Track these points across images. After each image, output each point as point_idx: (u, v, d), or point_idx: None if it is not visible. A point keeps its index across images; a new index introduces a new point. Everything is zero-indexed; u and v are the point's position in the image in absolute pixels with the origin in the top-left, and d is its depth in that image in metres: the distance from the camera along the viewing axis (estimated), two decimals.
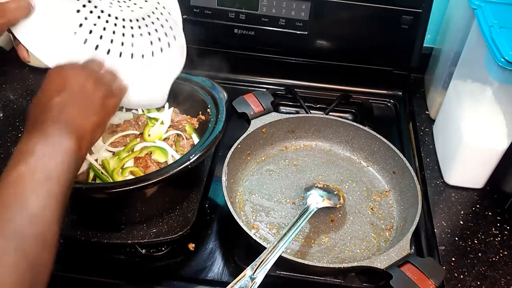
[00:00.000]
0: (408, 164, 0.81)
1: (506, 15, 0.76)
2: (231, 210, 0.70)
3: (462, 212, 0.82)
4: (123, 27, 0.61)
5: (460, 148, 0.82)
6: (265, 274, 0.61)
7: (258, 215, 0.79)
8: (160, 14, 0.66)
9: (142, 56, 0.63)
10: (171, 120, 0.83)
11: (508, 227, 0.80)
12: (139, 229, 0.73)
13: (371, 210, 0.81)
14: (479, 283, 0.71)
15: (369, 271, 0.67)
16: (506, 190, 0.82)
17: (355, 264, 0.67)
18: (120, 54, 0.61)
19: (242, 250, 0.76)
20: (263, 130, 0.88)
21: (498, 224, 0.80)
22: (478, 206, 0.84)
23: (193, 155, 0.69)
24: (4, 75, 1.08)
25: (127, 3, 0.63)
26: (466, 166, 0.84)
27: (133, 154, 0.75)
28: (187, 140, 0.82)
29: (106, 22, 0.60)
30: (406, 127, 1.02)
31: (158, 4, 0.66)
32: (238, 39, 1.03)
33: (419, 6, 0.95)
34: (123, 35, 0.61)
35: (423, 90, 1.09)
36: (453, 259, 0.75)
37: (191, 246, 0.75)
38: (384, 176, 0.87)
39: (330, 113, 1.01)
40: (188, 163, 0.68)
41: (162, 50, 0.65)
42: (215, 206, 0.83)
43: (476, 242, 0.77)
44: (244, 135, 0.85)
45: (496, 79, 0.75)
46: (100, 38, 0.59)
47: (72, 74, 0.57)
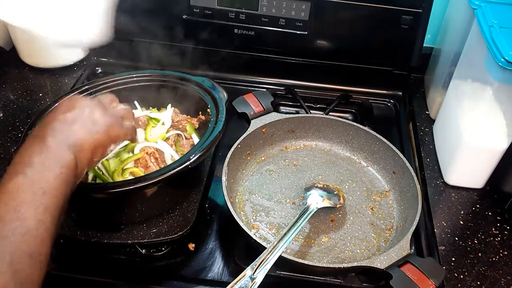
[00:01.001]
0: (408, 164, 0.81)
1: (506, 15, 0.76)
2: (231, 210, 0.70)
3: (462, 212, 0.82)
4: None
5: (460, 148, 0.82)
6: (265, 274, 0.61)
7: (258, 215, 0.79)
8: None
9: None
10: (171, 120, 0.83)
11: (508, 227, 0.80)
12: (139, 229, 0.73)
13: (371, 210, 0.81)
14: (479, 283, 0.71)
15: (369, 271, 0.67)
16: (506, 190, 0.82)
17: (355, 264, 0.67)
18: None
19: (242, 250, 0.76)
20: (263, 130, 0.88)
21: (498, 224, 0.80)
22: (478, 206, 0.84)
23: (193, 155, 0.69)
24: (4, 75, 1.08)
25: None
26: (466, 166, 0.84)
27: (134, 156, 0.75)
28: (187, 140, 0.82)
29: None
30: (406, 127, 1.02)
31: None
32: (238, 39, 1.03)
33: (419, 6, 0.95)
34: None
35: (423, 90, 1.09)
36: (453, 259, 0.75)
37: (191, 246, 0.75)
38: (384, 176, 0.87)
39: (330, 113, 1.01)
40: (188, 163, 0.68)
41: None
42: (215, 206, 0.83)
43: (476, 242, 0.77)
44: (244, 135, 0.85)
45: (496, 79, 0.75)
46: None
47: (83, 100, 0.59)
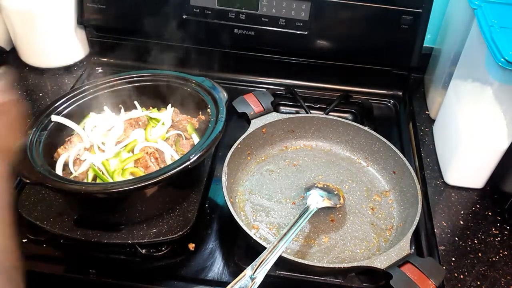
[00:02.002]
0: (408, 164, 0.81)
1: (506, 15, 0.76)
2: (231, 210, 0.70)
3: (462, 212, 0.82)
4: None
5: (460, 148, 0.82)
6: (265, 274, 0.61)
7: (258, 215, 0.79)
8: None
9: None
10: (171, 120, 0.83)
11: (508, 227, 0.80)
12: (139, 229, 0.73)
13: (371, 210, 0.81)
14: (479, 283, 0.71)
15: (369, 271, 0.67)
16: (506, 190, 0.82)
17: (355, 264, 0.67)
18: None
19: (242, 250, 0.76)
20: (263, 130, 0.88)
21: (498, 224, 0.80)
22: (478, 206, 0.84)
23: (193, 155, 0.69)
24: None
25: None
26: (466, 166, 0.84)
27: (134, 156, 0.75)
28: (187, 140, 0.82)
29: None
30: (406, 127, 1.02)
31: None
32: (238, 39, 1.02)
33: (419, 6, 0.95)
34: None
35: (423, 90, 1.09)
36: (453, 259, 0.75)
37: (191, 246, 0.75)
38: (384, 176, 0.87)
39: (330, 113, 1.01)
40: (188, 163, 0.68)
41: None
42: (215, 206, 0.83)
43: (476, 242, 0.77)
44: (244, 135, 0.85)
45: (496, 79, 0.75)
46: None
47: None
